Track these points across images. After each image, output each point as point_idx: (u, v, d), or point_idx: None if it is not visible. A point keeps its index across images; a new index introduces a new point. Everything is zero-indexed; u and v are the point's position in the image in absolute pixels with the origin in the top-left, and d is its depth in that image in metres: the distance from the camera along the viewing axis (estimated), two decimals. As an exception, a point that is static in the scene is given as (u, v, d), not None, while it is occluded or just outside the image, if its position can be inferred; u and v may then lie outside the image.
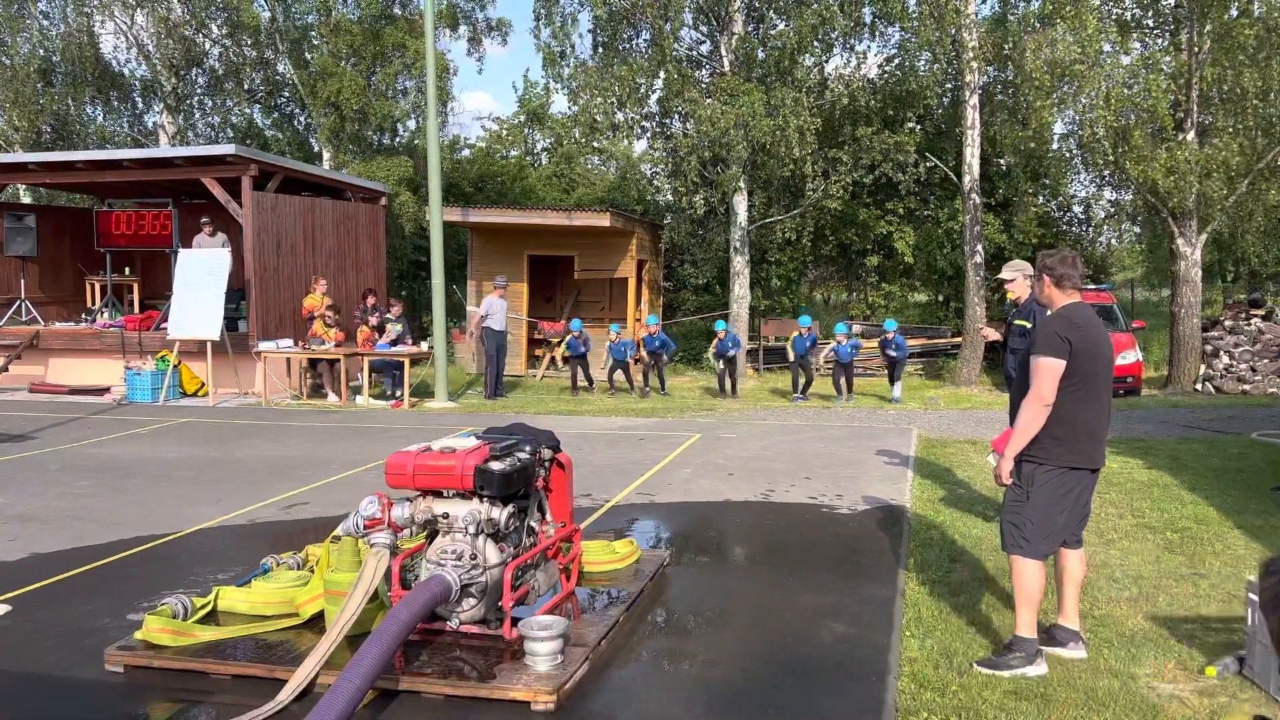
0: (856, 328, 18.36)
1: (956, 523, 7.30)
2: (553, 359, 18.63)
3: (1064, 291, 4.63)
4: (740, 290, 18.87)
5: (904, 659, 4.69)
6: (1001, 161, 20.18)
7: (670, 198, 23.74)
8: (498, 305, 15.53)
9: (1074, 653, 4.74)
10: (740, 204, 18.68)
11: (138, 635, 4.69)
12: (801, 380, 15.57)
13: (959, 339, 18.45)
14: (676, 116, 19.73)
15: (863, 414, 13.76)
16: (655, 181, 26.82)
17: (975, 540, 6.76)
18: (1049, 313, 4.73)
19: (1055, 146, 18.46)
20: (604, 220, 17.08)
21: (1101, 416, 4.62)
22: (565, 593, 5.36)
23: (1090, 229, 22.72)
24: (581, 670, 4.48)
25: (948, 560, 6.29)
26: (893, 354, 15.63)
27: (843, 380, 15.40)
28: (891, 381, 15.66)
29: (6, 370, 15.76)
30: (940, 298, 22.87)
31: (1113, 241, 24.67)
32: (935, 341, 19.98)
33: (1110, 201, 22.16)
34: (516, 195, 25.73)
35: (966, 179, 17.30)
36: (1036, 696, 4.27)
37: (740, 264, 18.86)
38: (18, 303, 16.84)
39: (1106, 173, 19.00)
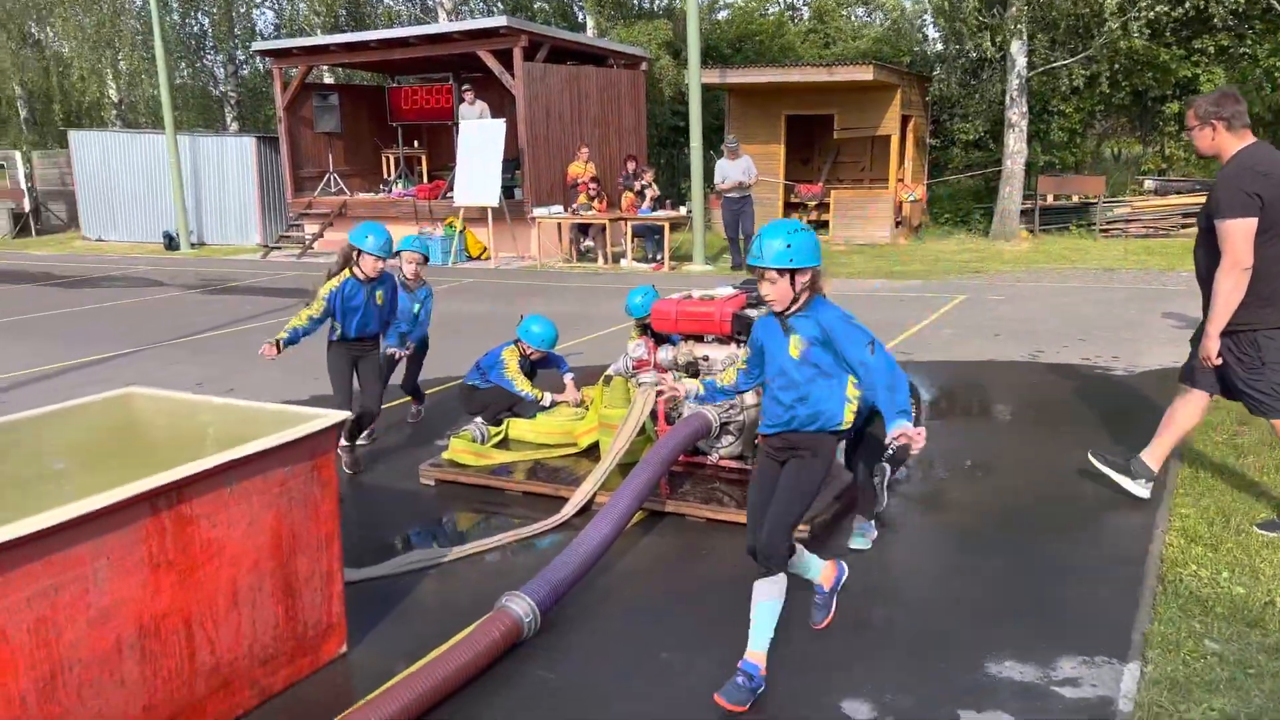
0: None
1: (1251, 387, 6.73)
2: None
3: (1236, 133, 4.12)
4: (1016, 145, 17.60)
5: (1174, 515, 4.53)
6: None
7: (940, 47, 22.26)
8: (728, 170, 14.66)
9: None
10: (1019, 49, 17.22)
11: (445, 455, 5.42)
12: None
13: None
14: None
15: (1150, 276, 12.64)
16: (924, 30, 25.18)
17: (1271, 405, 6.23)
18: (1227, 164, 4.15)
19: None
20: (866, 74, 16.35)
21: None
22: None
23: None
24: (835, 508, 4.70)
25: (1234, 423, 5.87)
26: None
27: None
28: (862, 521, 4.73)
29: (321, 236, 17.78)
30: (1255, 147, 20.16)
31: None
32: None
33: None
34: (775, 54, 25.08)
35: (1297, 5, 14.94)
36: (1326, 560, 4.01)
37: (1016, 116, 17.53)
38: (327, 175, 18.79)
39: None
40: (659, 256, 15.25)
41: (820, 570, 3.58)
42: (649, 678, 3.37)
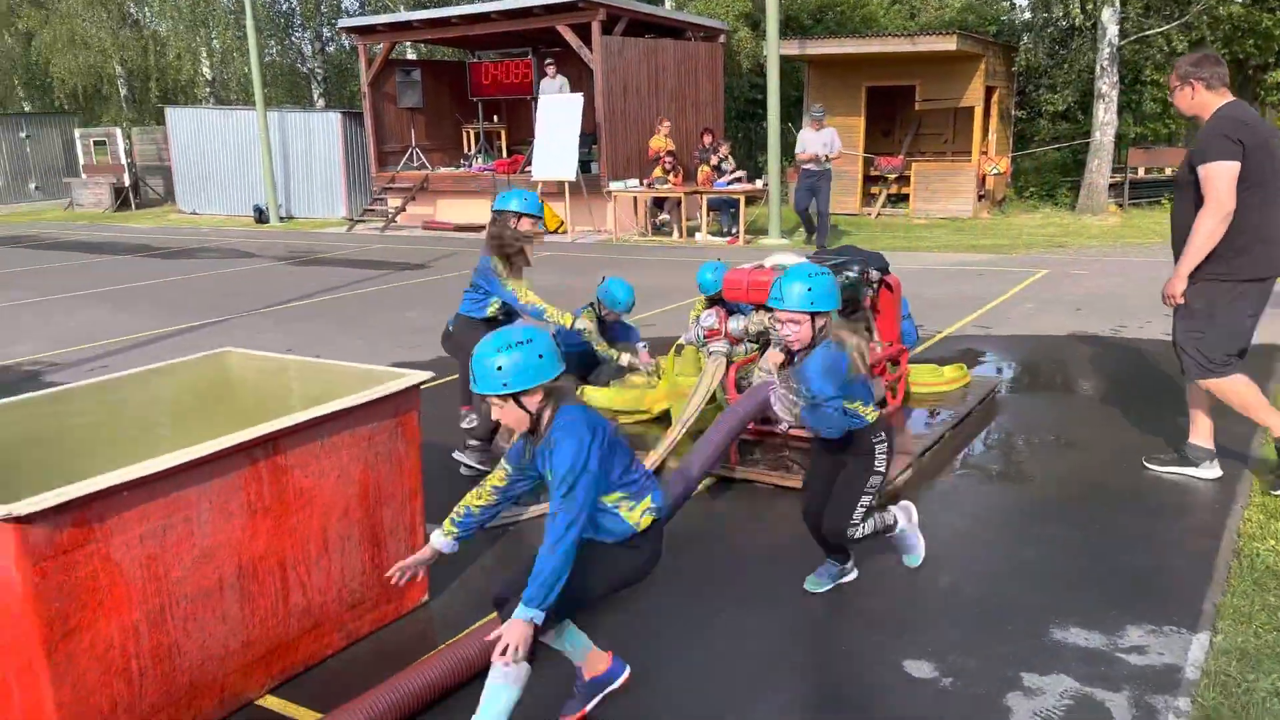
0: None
1: (1346, 365, 6.51)
2: (889, 196, 18.16)
3: (1216, 92, 4.29)
4: (1106, 116, 17.06)
5: (1255, 491, 4.45)
6: None
7: (1028, 15, 21.64)
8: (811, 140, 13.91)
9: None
10: (1111, 16, 16.66)
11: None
12: None
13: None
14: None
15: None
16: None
17: (1367, 383, 6.03)
18: (1210, 119, 4.29)
19: None
20: (949, 44, 16.00)
21: (1276, 215, 4.23)
22: (891, 409, 5.56)
23: None
24: (905, 475, 4.73)
25: (1326, 401, 5.70)
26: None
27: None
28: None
29: (404, 210, 18.18)
30: (1365, 117, 19.21)
31: None
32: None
33: None
34: (856, 24, 24.66)
35: None
36: None
37: (1107, 86, 16.98)
38: (410, 150, 19.17)
39: None
40: (734, 230, 15.24)
41: (587, 655, 2.99)
42: (716, 633, 3.47)
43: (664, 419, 5.49)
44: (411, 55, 24.08)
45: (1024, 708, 2.94)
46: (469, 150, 19.74)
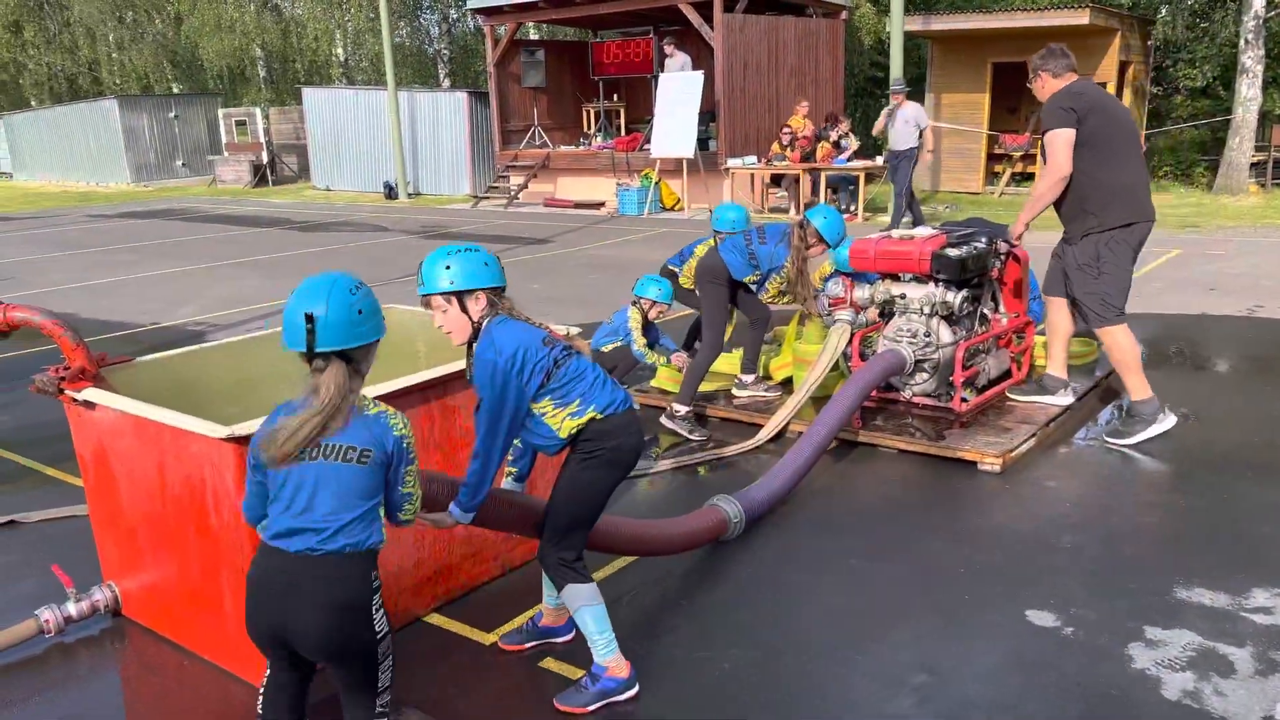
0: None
1: None
2: (1014, 174, 17.74)
3: (1060, 78, 4.81)
4: (1249, 92, 16.28)
5: (1394, 468, 4.39)
6: None
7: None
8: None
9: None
10: (1259, -13, 15.86)
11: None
12: None
13: None
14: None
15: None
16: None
17: None
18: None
19: None
20: (1081, 18, 15.52)
21: (1130, 170, 4.73)
22: (1015, 380, 5.63)
23: None
24: (1028, 444, 4.82)
25: None
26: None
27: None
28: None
29: (526, 187, 18.70)
30: None
31: None
32: None
33: None
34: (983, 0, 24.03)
35: None
36: None
37: (1252, 60, 16.19)
38: (532, 129, 19.66)
39: None
40: (853, 208, 15.19)
41: (609, 654, 2.95)
42: (838, 579, 3.67)
43: (786, 385, 5.68)
44: (534, 35, 24.59)
45: (1145, 657, 3.06)
46: (588, 129, 20.11)
